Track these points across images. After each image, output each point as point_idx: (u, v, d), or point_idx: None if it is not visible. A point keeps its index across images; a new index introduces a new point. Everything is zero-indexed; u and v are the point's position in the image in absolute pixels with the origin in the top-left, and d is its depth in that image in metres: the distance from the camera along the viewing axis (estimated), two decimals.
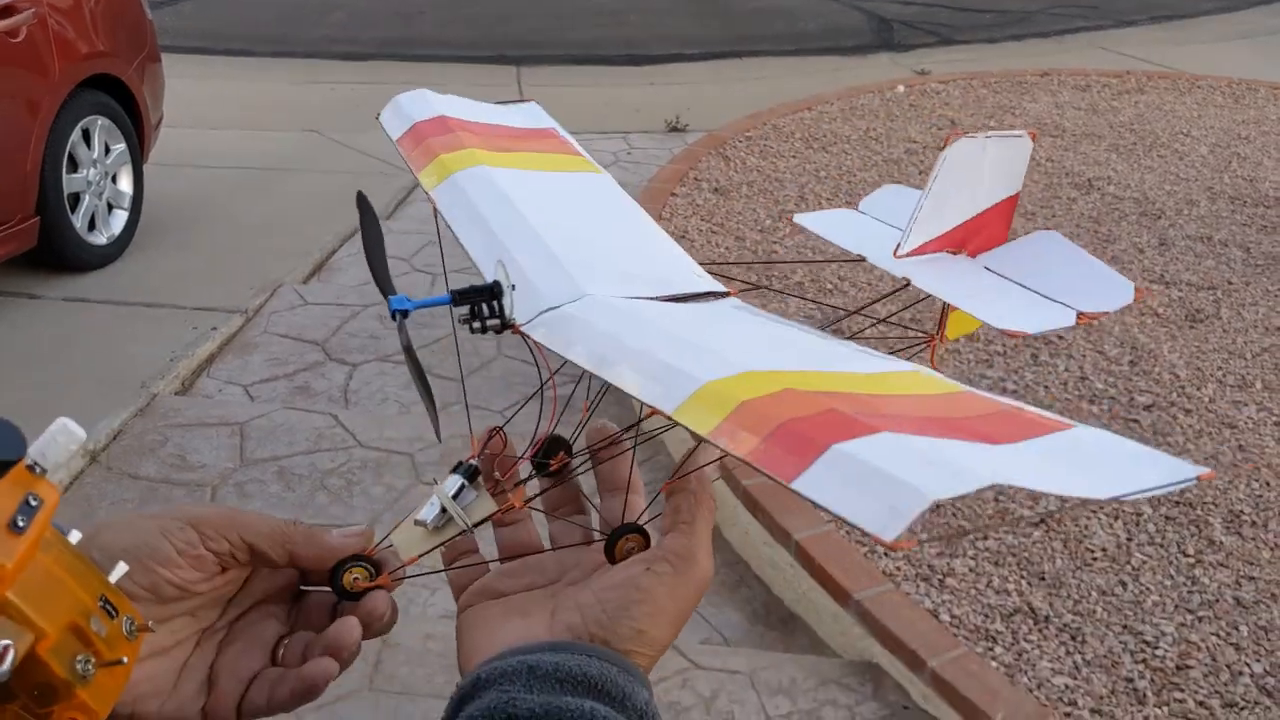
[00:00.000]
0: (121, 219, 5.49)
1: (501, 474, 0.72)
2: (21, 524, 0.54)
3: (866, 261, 0.81)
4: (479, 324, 0.65)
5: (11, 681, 0.54)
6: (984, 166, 0.84)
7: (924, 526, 3.27)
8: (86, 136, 5.18)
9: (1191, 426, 3.75)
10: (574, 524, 0.76)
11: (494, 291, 0.66)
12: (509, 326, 0.66)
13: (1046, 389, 3.94)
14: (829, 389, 0.57)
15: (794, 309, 4.21)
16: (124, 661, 0.58)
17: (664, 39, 10.35)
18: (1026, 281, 0.81)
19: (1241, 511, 3.36)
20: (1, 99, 4.62)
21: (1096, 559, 3.16)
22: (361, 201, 0.74)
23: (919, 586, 3.07)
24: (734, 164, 6.13)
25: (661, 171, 6.02)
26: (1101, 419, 3.78)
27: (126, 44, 5.46)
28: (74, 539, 0.59)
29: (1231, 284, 4.81)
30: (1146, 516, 3.33)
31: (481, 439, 0.73)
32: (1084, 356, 4.15)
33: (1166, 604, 3.01)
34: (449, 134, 0.83)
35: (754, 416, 0.53)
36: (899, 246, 0.82)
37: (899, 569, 3.13)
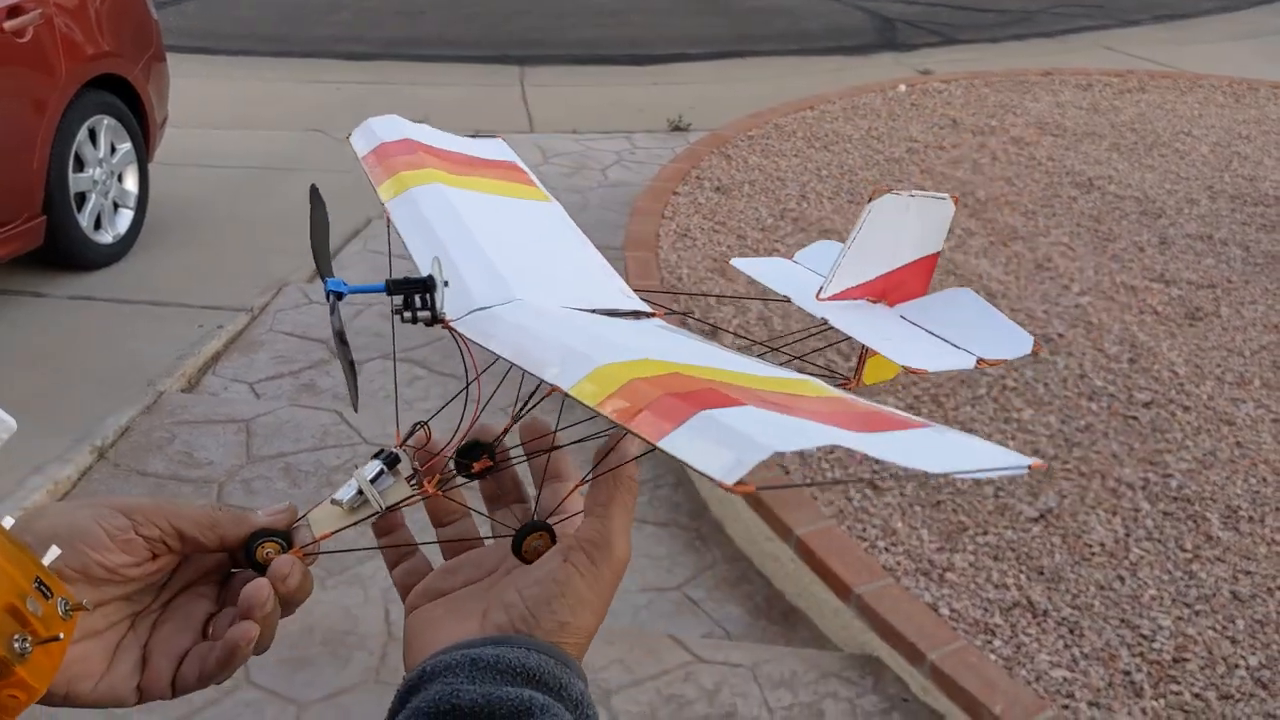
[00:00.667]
0: (127, 218, 5.52)
1: (422, 466, 0.75)
2: None
3: (791, 303, 0.86)
4: (410, 314, 0.68)
5: None
6: (908, 223, 0.89)
7: (765, 479, 3.31)
8: (93, 136, 5.20)
9: (1190, 423, 3.78)
10: (510, 514, 0.79)
11: (427, 285, 0.68)
12: (439, 320, 0.69)
13: (1046, 385, 3.96)
14: (717, 379, 0.60)
15: (720, 340, 4.23)
16: (60, 638, 0.60)
17: (667, 38, 10.38)
18: (936, 330, 0.86)
19: (1239, 507, 3.38)
20: (9, 99, 4.65)
21: (1095, 554, 3.19)
22: (314, 195, 0.78)
23: (919, 581, 3.10)
24: (736, 163, 6.16)
25: (664, 170, 6.04)
26: (1101, 415, 3.80)
27: (132, 44, 5.49)
28: (7, 524, 0.61)
29: (1231, 282, 4.83)
30: (1145, 512, 3.35)
31: (405, 432, 0.76)
32: (1084, 354, 4.17)
33: (1164, 598, 3.04)
34: (412, 155, 0.87)
35: (639, 391, 0.57)
36: (821, 290, 0.86)
37: (899, 564, 3.16)
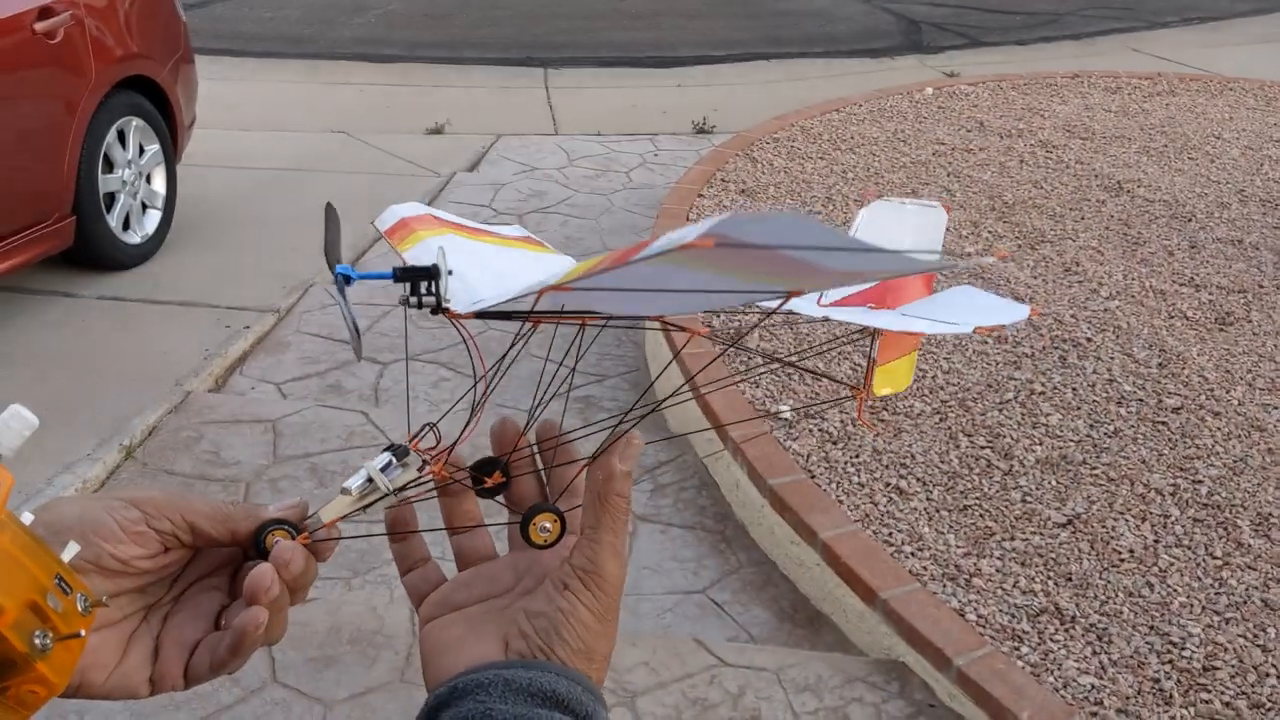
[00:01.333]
0: (155, 219, 5.55)
1: (437, 466, 0.76)
2: None
3: (795, 314, 0.86)
4: (415, 299, 0.70)
5: None
6: (904, 230, 0.89)
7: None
8: (121, 137, 5.24)
9: (1220, 429, 3.75)
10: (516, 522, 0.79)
11: (431, 273, 0.70)
12: (443, 309, 0.71)
13: (1074, 390, 3.94)
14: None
15: (732, 354, 4.21)
16: (81, 635, 0.61)
17: (692, 41, 10.37)
18: (935, 316, 0.86)
19: (1270, 514, 3.35)
20: (40, 100, 4.69)
21: (1124, 560, 3.17)
22: (329, 211, 0.81)
23: (945, 586, 3.08)
24: (761, 166, 6.14)
25: (688, 173, 6.03)
26: (1130, 420, 3.77)
27: (161, 46, 5.53)
28: (26, 520, 0.61)
29: (1262, 287, 4.79)
30: (1174, 519, 3.33)
31: (416, 432, 0.77)
32: (1112, 359, 4.15)
33: (1194, 605, 3.01)
34: (432, 222, 0.89)
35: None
36: (822, 297, 0.87)
37: (925, 569, 3.14)
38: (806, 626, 3.23)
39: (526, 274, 0.73)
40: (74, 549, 0.64)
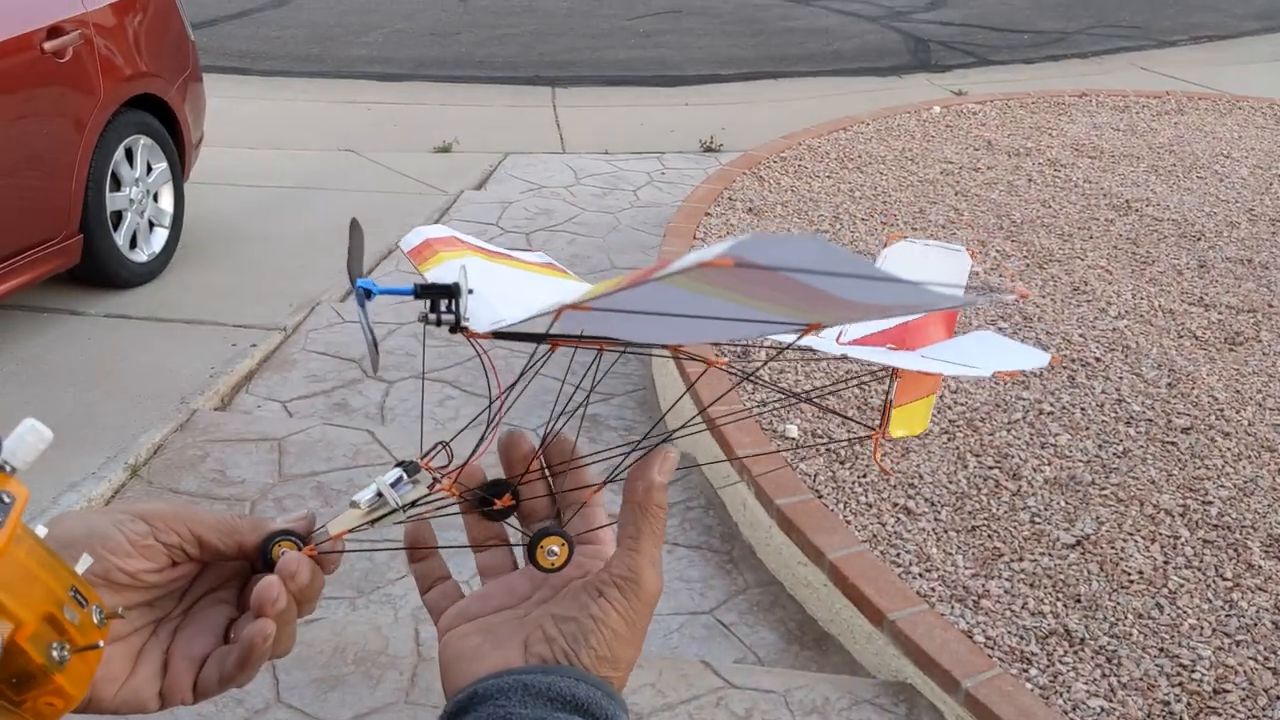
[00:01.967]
0: (162, 237, 5.55)
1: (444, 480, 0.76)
2: None
3: (813, 350, 0.86)
4: (435, 316, 0.70)
5: None
6: (927, 273, 0.89)
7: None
8: (129, 155, 5.25)
9: (1230, 450, 3.73)
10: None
11: (452, 291, 0.70)
12: (462, 328, 0.71)
13: (1083, 410, 3.92)
14: None
15: (749, 390, 4.20)
16: (100, 646, 0.62)
17: (699, 60, 10.39)
18: (954, 359, 0.87)
19: None
20: (49, 119, 4.70)
21: (1133, 581, 3.15)
22: (354, 226, 0.81)
23: (953, 607, 3.06)
24: (768, 184, 6.14)
25: (696, 191, 6.03)
26: (1139, 441, 3.76)
27: (169, 64, 5.54)
28: (41, 534, 0.62)
29: (1272, 306, 4.77)
30: (1184, 540, 3.31)
31: (428, 451, 0.77)
32: (1121, 379, 4.13)
33: (1204, 627, 2.99)
34: (456, 244, 0.89)
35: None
36: (841, 335, 0.87)
37: (933, 590, 3.12)
38: (814, 648, 3.21)
39: (548, 298, 0.73)
40: (87, 562, 0.64)
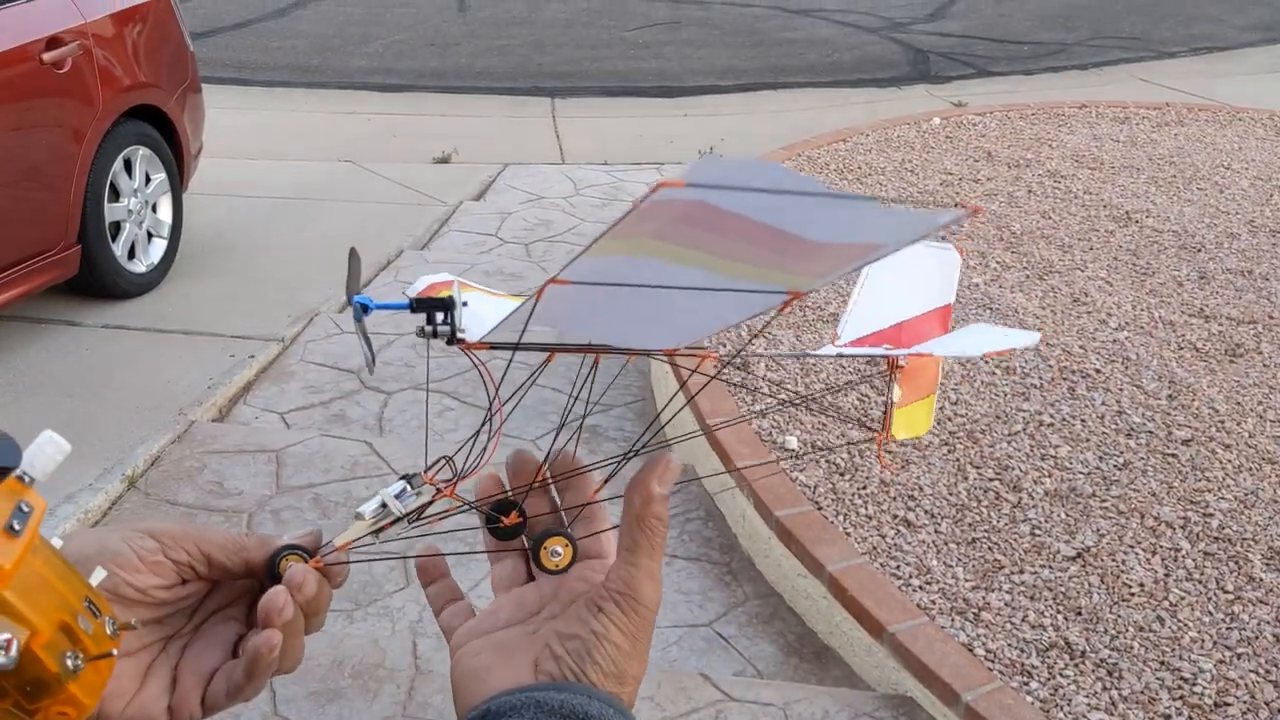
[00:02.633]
0: (161, 247, 5.55)
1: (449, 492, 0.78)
2: (17, 528, 0.57)
3: (808, 358, 0.86)
4: (431, 329, 0.72)
5: (6, 679, 0.57)
6: (917, 271, 0.90)
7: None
8: (128, 166, 5.24)
9: (1231, 462, 3.71)
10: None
11: (446, 304, 0.72)
12: (457, 340, 0.72)
13: (1083, 422, 3.91)
14: None
15: (749, 400, 4.19)
16: (113, 654, 0.62)
17: (698, 70, 10.39)
18: (950, 349, 0.88)
19: None
20: (47, 129, 4.69)
21: (1134, 594, 3.13)
22: (352, 256, 0.83)
23: (953, 620, 3.05)
24: None
25: None
26: (1139, 453, 3.74)
27: (168, 75, 5.54)
28: (57, 545, 0.62)
29: (1273, 318, 4.76)
30: (1185, 552, 3.29)
31: (432, 464, 0.78)
32: (1121, 390, 4.12)
33: (1205, 640, 2.98)
34: (458, 285, 0.87)
35: None
36: (837, 337, 0.87)
37: (934, 602, 3.11)
38: (813, 660, 3.20)
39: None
40: (101, 574, 0.65)
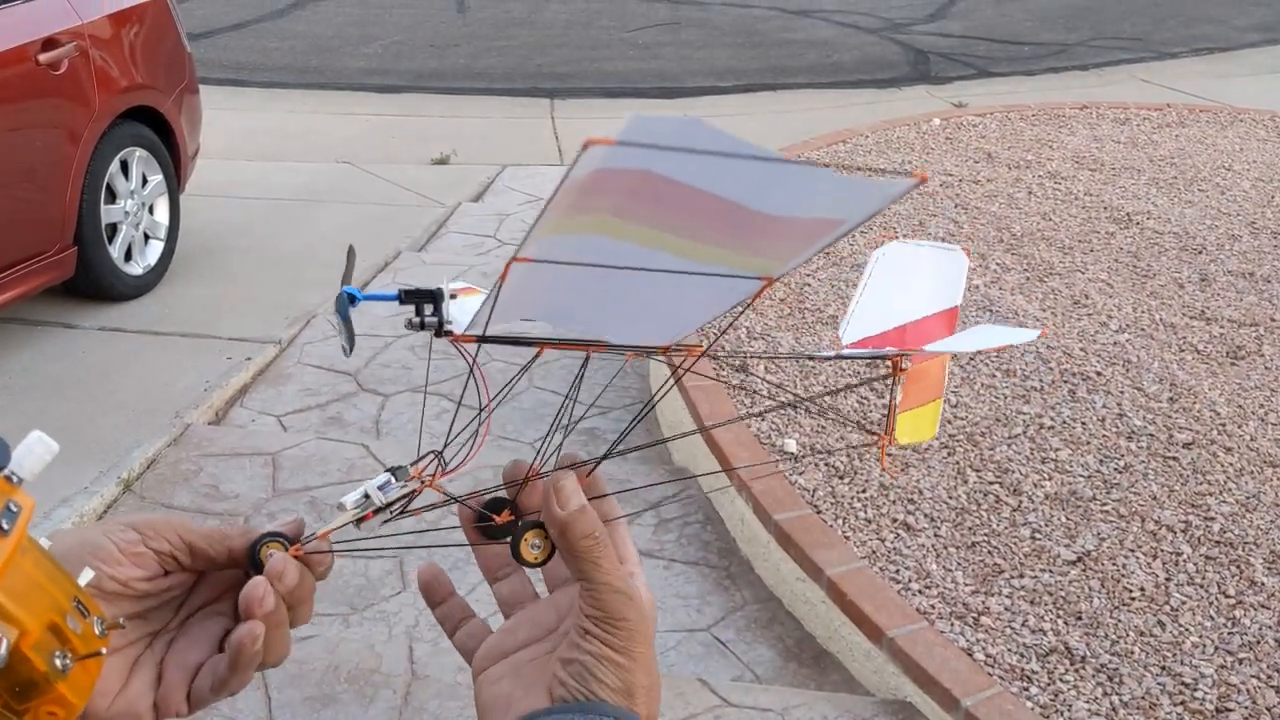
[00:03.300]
0: (157, 249, 5.53)
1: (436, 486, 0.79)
2: (5, 527, 0.57)
3: (813, 359, 0.84)
4: (419, 320, 0.73)
5: None
6: (921, 272, 0.89)
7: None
8: (124, 167, 5.22)
9: (1232, 465, 3.69)
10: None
11: (435, 296, 0.74)
12: (445, 332, 0.73)
13: (1084, 425, 3.89)
14: None
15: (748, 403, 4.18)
16: (102, 654, 0.63)
17: (697, 71, 10.37)
18: (950, 347, 0.88)
19: None
20: (43, 131, 4.67)
21: (1135, 599, 3.11)
22: (350, 251, 0.86)
23: (953, 625, 3.03)
24: None
25: None
26: (1140, 456, 3.72)
27: (165, 76, 5.52)
28: (45, 545, 0.63)
29: (1274, 320, 4.74)
30: (1186, 556, 3.27)
31: (420, 459, 0.79)
32: (1122, 393, 4.10)
33: (1206, 645, 2.96)
34: (472, 290, 0.85)
35: None
36: (840, 338, 0.87)
37: (933, 607, 3.09)
38: (812, 665, 3.17)
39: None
40: (89, 574, 0.65)
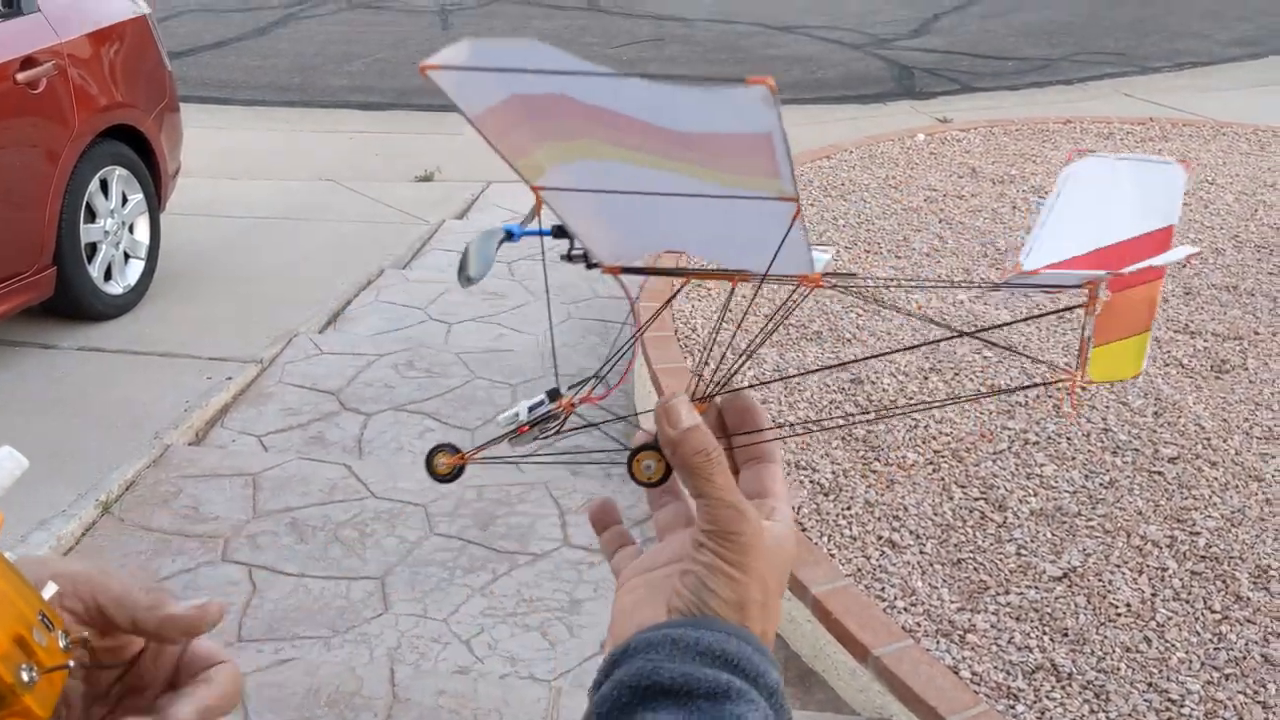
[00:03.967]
0: (138, 269, 5.50)
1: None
2: None
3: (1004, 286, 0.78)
4: (570, 253, 0.78)
5: None
6: (1120, 191, 0.81)
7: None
8: (104, 186, 5.20)
9: (1217, 479, 3.68)
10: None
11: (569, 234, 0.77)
12: (597, 263, 0.77)
13: (1069, 440, 3.87)
14: None
15: (903, 324, 4.17)
16: (69, 666, 0.62)
17: None
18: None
19: (1269, 566, 3.28)
20: (22, 150, 4.65)
21: (1120, 615, 3.09)
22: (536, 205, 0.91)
23: (939, 643, 3.00)
24: None
25: None
26: (1125, 471, 3.71)
27: (145, 95, 5.49)
28: (10, 558, 0.62)
29: (1258, 334, 4.74)
30: (1172, 571, 3.25)
31: (577, 384, 0.82)
32: (1107, 408, 4.08)
33: (1192, 661, 2.94)
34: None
35: None
36: (1021, 265, 0.78)
37: (919, 624, 3.06)
38: (798, 684, 3.15)
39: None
40: (53, 589, 0.65)
